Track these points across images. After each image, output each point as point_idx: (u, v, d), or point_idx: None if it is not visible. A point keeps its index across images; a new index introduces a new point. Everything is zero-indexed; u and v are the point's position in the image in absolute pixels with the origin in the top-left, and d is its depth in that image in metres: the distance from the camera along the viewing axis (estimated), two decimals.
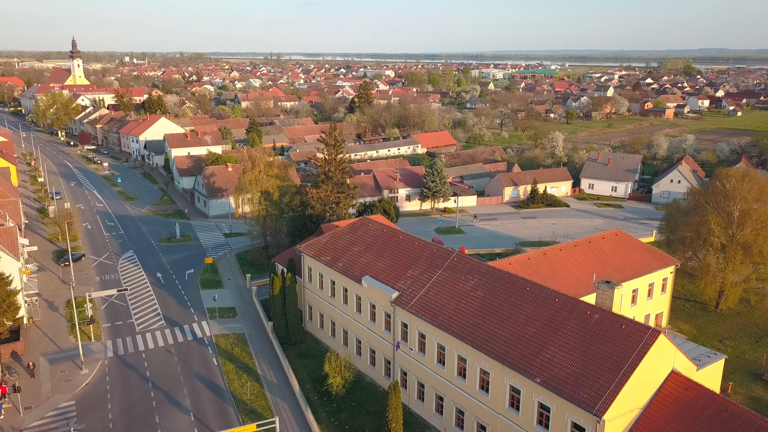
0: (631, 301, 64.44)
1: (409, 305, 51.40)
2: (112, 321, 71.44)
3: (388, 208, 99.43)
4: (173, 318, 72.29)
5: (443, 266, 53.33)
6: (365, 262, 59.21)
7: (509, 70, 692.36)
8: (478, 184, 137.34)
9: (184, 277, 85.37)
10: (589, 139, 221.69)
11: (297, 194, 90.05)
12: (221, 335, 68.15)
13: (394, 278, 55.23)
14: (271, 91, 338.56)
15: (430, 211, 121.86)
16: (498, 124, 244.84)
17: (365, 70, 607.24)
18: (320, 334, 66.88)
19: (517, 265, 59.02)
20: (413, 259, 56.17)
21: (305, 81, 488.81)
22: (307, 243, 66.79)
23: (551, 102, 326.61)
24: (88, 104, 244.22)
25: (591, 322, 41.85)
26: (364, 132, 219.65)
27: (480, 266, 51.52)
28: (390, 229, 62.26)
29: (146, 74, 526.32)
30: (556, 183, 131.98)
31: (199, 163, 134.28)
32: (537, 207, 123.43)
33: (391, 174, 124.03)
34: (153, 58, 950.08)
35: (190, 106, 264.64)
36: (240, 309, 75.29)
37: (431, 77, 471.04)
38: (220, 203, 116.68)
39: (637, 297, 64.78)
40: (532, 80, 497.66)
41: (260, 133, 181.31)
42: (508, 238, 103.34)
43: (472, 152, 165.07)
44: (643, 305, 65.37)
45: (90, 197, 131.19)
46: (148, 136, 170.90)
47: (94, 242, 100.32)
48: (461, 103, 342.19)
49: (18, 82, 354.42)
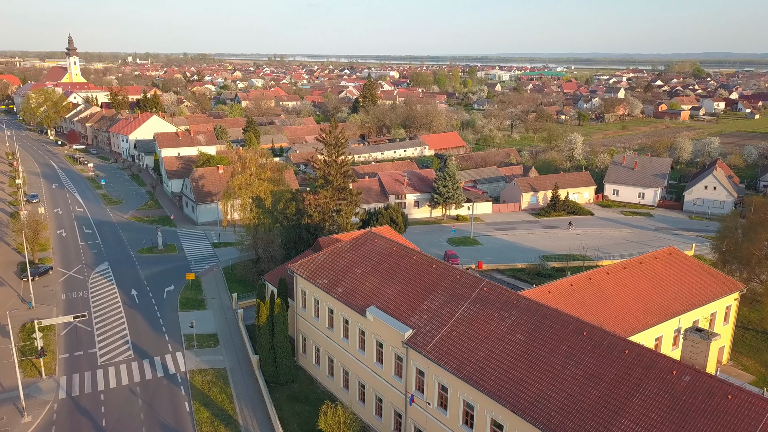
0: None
1: (427, 348, 40.37)
2: (72, 350, 60.51)
3: (395, 216, 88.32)
4: (143, 347, 61.35)
5: (469, 298, 42.24)
6: (370, 288, 48.19)
7: (515, 71, 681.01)
8: (493, 189, 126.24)
9: (162, 296, 74.48)
10: (605, 141, 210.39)
11: (292, 201, 79.05)
12: (198, 371, 57.13)
13: (407, 311, 44.20)
14: (272, 91, 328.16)
15: (441, 218, 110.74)
16: (508, 126, 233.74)
17: (369, 71, 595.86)
18: (315, 372, 55.87)
19: (557, 293, 47.96)
20: (430, 287, 45.11)
21: (308, 81, 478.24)
22: (301, 261, 55.82)
23: (561, 103, 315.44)
24: (81, 102, 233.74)
25: (679, 387, 30.78)
26: (368, 132, 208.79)
27: (518, 300, 40.42)
28: (401, 247, 51.22)
29: (148, 74, 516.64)
30: (578, 188, 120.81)
31: (189, 165, 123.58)
32: (559, 215, 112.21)
33: (398, 178, 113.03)
34: (156, 59, 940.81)
35: (188, 105, 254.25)
36: (223, 336, 64.32)
37: (437, 78, 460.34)
38: (210, 209, 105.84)
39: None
40: (539, 82, 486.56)
41: (258, 132, 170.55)
42: (529, 251, 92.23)
43: (484, 154, 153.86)
44: None
45: (70, 201, 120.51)
46: (138, 136, 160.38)
47: (66, 252, 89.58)
48: (468, 104, 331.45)
49: (13, 80, 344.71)
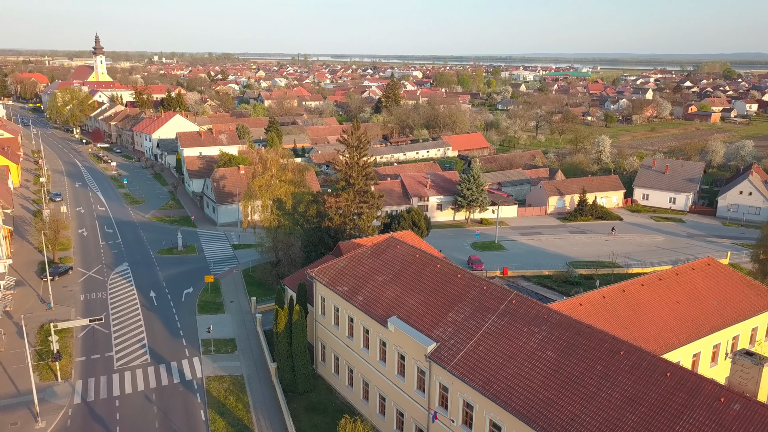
0: (730, 350, 50.51)
1: (451, 364, 38.32)
2: (88, 354, 59.63)
3: (417, 220, 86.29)
4: (160, 352, 60.23)
5: (497, 311, 40.08)
6: (392, 297, 46.28)
7: (539, 72, 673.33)
8: (518, 192, 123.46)
9: (181, 298, 73.43)
10: (633, 143, 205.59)
11: (313, 203, 77.58)
12: (214, 377, 55.79)
13: (430, 323, 42.19)
14: (295, 90, 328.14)
15: (465, 222, 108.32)
16: (533, 127, 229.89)
17: (392, 71, 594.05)
18: (334, 381, 54.13)
19: (589, 305, 45.50)
20: (456, 298, 43.03)
21: (331, 81, 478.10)
22: (321, 267, 54.12)
23: (588, 104, 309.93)
24: (106, 101, 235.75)
25: (728, 416, 28.32)
26: (390, 133, 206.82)
27: (548, 314, 38.15)
28: (424, 255, 49.20)
29: (173, 73, 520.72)
30: (606, 192, 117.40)
31: (211, 164, 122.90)
32: (586, 219, 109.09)
33: (421, 180, 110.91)
34: (182, 58, 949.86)
35: (211, 104, 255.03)
36: (241, 341, 62.95)
37: (460, 78, 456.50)
38: (230, 209, 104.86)
39: (737, 345, 50.81)
40: (565, 82, 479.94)
41: (280, 132, 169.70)
42: (556, 257, 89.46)
43: (509, 156, 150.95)
44: None
45: (93, 200, 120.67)
46: (161, 135, 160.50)
47: (87, 252, 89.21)
48: (492, 104, 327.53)
49: (41, 78, 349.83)
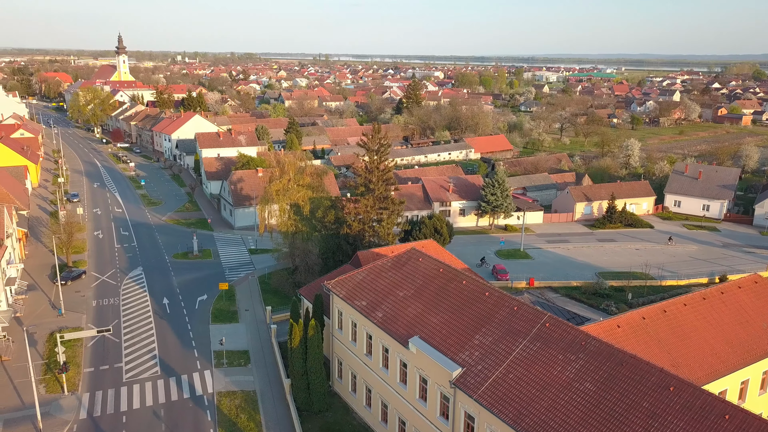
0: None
1: (479, 392, 35.13)
2: (97, 364, 57.46)
3: (439, 227, 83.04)
4: (171, 364, 57.85)
5: (529, 334, 36.78)
6: (414, 315, 43.20)
7: (563, 72, 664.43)
8: (543, 197, 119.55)
9: (194, 305, 71.14)
10: (662, 147, 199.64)
11: (331, 208, 74.74)
12: (226, 393, 53.19)
13: (455, 345, 39.03)
14: (315, 91, 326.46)
15: (489, 228, 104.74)
16: (557, 129, 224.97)
17: (414, 71, 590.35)
18: (351, 400, 51.20)
19: (628, 327, 41.96)
20: (483, 318, 39.81)
21: (352, 81, 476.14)
22: (339, 279, 51.23)
23: (613, 106, 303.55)
24: (127, 101, 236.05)
25: None
26: (411, 134, 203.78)
27: (586, 340, 34.75)
28: (448, 269, 46.02)
29: (195, 72, 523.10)
30: (636, 199, 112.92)
31: (229, 166, 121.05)
32: (615, 227, 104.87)
33: (443, 184, 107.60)
34: (204, 58, 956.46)
35: (231, 104, 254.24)
36: (254, 353, 60.34)
37: (482, 79, 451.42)
38: (248, 213, 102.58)
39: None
40: (589, 83, 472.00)
41: (300, 134, 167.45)
42: (584, 267, 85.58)
43: (534, 159, 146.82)
44: None
45: (110, 200, 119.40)
46: (180, 135, 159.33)
47: (102, 256, 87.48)
48: (515, 105, 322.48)
49: (65, 77, 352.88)
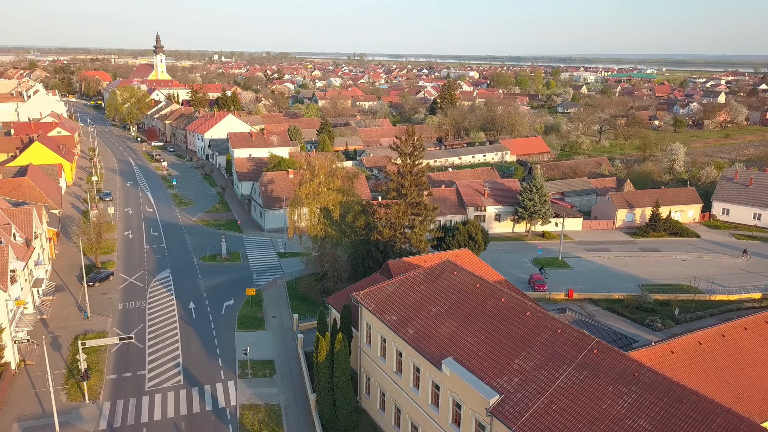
0: None
1: (518, 423, 32.04)
2: (120, 371, 56.02)
3: (474, 233, 79.81)
4: (194, 373, 56.08)
5: (574, 361, 33.53)
6: (447, 334, 40.30)
7: (601, 73, 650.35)
8: (583, 203, 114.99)
9: (221, 311, 69.44)
10: (707, 151, 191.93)
11: (362, 213, 72.28)
12: (249, 406, 51.09)
13: (493, 369, 36.00)
14: (349, 90, 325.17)
15: (525, 234, 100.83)
16: (596, 131, 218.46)
17: (448, 71, 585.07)
18: (379, 419, 48.53)
19: (683, 353, 38.34)
20: (523, 341, 36.69)
21: (386, 81, 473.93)
22: (368, 290, 48.60)
23: (654, 108, 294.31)
24: (162, 99, 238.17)
25: None
26: (445, 135, 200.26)
27: (640, 371, 31.33)
28: (486, 285, 42.96)
29: (231, 72, 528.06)
30: (682, 206, 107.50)
31: (260, 167, 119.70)
32: (659, 236, 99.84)
33: (478, 188, 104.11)
34: (240, 57, 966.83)
35: (265, 103, 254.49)
36: (280, 364, 58.16)
37: (518, 79, 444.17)
38: (278, 215, 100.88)
39: None
40: (628, 84, 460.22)
41: (332, 134, 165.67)
42: (626, 278, 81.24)
43: (573, 163, 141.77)
44: None
45: (142, 200, 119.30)
46: (213, 134, 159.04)
47: (130, 257, 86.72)
48: (552, 106, 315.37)
49: (105, 76, 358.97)
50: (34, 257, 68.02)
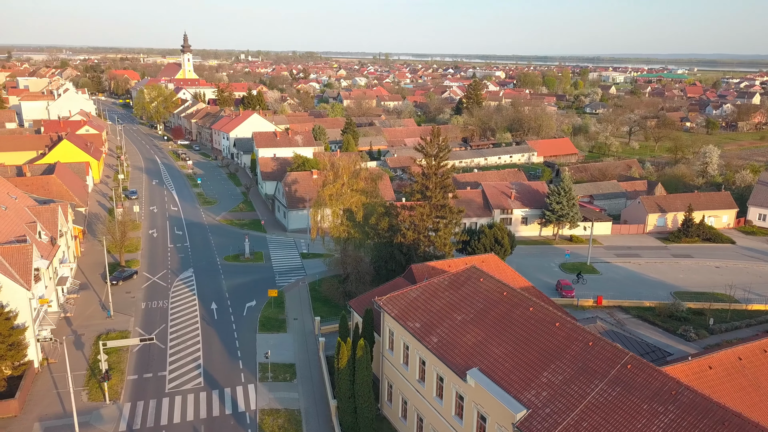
0: None
1: None
2: (141, 371, 55.78)
3: (500, 237, 78.15)
4: (215, 375, 55.56)
5: (607, 376, 31.93)
6: (473, 343, 38.94)
7: (630, 73, 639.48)
8: (612, 207, 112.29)
9: (243, 312, 68.96)
10: (741, 153, 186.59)
11: (385, 215, 71.13)
12: (269, 411, 50.32)
13: (520, 382, 34.56)
14: (374, 90, 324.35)
15: (552, 238, 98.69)
16: (626, 132, 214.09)
17: (474, 71, 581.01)
18: (401, 427, 47.33)
19: (721, 369, 36.42)
20: (552, 353, 35.17)
21: (411, 81, 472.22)
22: (391, 295, 47.47)
23: (686, 109, 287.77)
24: (189, 98, 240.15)
25: None
26: (471, 136, 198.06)
27: (677, 389, 29.63)
28: (514, 293, 41.48)
29: (257, 71, 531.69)
30: (716, 211, 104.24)
31: (284, 167, 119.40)
32: (691, 241, 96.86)
33: (505, 190, 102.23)
34: (267, 56, 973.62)
35: (290, 102, 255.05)
36: (301, 368, 57.36)
37: (545, 79, 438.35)
38: (301, 215, 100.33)
39: None
40: (659, 84, 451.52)
41: (356, 134, 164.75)
42: (657, 285, 78.76)
43: (602, 165, 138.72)
44: None
45: (167, 198, 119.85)
46: (238, 134, 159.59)
47: (154, 255, 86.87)
48: (579, 107, 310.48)
49: (133, 75, 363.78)
50: (59, 255, 68.28)
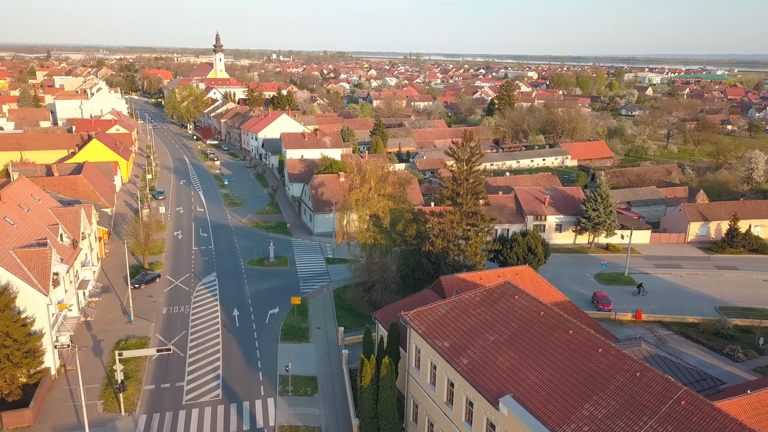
0: None
1: None
2: (159, 381, 54.06)
3: (534, 245, 74.67)
4: (234, 387, 53.53)
5: (657, 413, 28.66)
6: (506, 367, 35.94)
7: (667, 74, 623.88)
8: (650, 214, 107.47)
9: (265, 319, 66.95)
10: None
11: (413, 222, 68.37)
12: (288, 427, 48.01)
13: (558, 413, 31.46)
14: (404, 90, 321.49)
15: (588, 246, 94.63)
16: (663, 136, 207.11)
17: (506, 71, 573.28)
18: None
19: None
20: (595, 383, 31.97)
21: (442, 81, 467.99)
22: (418, 310, 44.71)
23: (727, 111, 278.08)
24: (219, 98, 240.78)
25: None
26: (503, 137, 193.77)
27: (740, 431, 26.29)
28: (551, 313, 38.32)
29: (288, 71, 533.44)
30: (763, 220, 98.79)
31: (312, 168, 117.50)
32: (737, 252, 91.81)
33: (538, 195, 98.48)
34: (298, 56, 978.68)
35: (320, 103, 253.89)
36: (323, 381, 55.01)
37: (579, 80, 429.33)
38: (327, 219, 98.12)
39: None
40: (697, 86, 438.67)
41: (385, 136, 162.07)
42: (701, 299, 74.39)
43: (640, 170, 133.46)
44: None
45: (194, 199, 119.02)
46: (266, 134, 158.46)
47: (178, 258, 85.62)
48: (615, 108, 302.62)
49: (166, 74, 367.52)
50: (80, 258, 67.22)
